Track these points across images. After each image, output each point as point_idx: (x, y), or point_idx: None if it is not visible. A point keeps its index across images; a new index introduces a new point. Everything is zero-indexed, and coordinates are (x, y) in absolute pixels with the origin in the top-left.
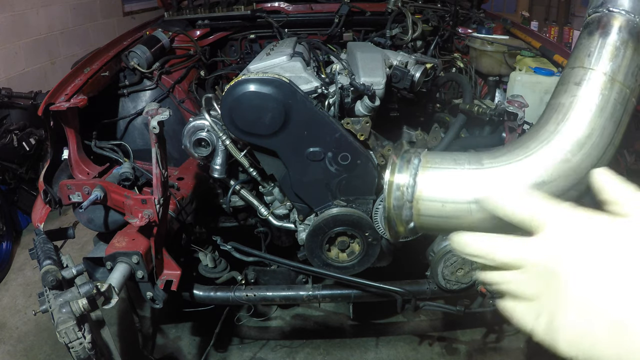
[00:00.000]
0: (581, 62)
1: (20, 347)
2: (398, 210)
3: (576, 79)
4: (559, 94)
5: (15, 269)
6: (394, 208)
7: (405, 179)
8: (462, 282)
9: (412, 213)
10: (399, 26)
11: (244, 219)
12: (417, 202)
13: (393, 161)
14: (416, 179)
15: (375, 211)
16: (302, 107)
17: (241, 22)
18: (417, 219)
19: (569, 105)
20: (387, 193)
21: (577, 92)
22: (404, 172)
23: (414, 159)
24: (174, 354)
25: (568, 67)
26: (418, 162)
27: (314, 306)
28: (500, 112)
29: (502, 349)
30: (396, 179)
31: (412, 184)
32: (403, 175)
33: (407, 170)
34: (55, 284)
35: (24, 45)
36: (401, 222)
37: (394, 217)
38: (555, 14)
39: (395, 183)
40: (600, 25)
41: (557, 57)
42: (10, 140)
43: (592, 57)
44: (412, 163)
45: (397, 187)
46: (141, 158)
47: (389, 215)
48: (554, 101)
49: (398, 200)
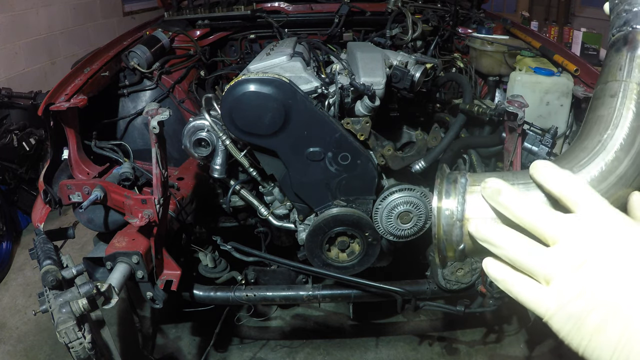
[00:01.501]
0: (614, 76)
1: (20, 347)
2: (448, 230)
3: (611, 92)
4: (596, 108)
5: (15, 269)
6: (444, 229)
7: (454, 199)
8: (462, 282)
9: (462, 233)
10: (399, 26)
11: (244, 219)
12: (467, 221)
13: (440, 182)
14: (465, 197)
15: (375, 211)
16: (302, 107)
17: (241, 22)
18: (467, 240)
19: (608, 116)
20: (435, 215)
21: (614, 104)
22: (452, 192)
23: (461, 179)
24: (174, 354)
25: (600, 83)
26: (465, 182)
27: (314, 306)
28: (500, 112)
29: (502, 349)
30: (444, 200)
31: (461, 202)
32: (451, 196)
33: (455, 190)
34: (55, 284)
35: (24, 45)
36: (451, 244)
37: (444, 239)
38: (555, 14)
39: (444, 203)
40: (628, 42)
41: (557, 57)
42: (10, 140)
43: (623, 71)
44: (459, 182)
45: (446, 207)
46: (141, 158)
47: (439, 236)
48: (592, 115)
49: (448, 220)
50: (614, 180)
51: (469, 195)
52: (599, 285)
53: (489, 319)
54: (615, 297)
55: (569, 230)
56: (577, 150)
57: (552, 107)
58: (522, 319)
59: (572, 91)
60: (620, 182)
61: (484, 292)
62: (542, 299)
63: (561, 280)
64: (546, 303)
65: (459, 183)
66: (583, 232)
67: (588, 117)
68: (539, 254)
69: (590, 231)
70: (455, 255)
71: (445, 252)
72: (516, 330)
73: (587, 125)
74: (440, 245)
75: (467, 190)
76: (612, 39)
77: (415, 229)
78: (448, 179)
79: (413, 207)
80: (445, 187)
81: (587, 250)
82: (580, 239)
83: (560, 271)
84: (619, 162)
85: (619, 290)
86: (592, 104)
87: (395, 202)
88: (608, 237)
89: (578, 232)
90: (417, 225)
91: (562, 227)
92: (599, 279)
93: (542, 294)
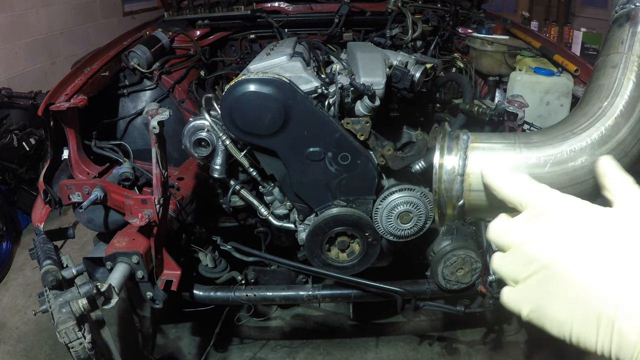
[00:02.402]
0: (615, 49)
1: (20, 347)
2: (449, 185)
3: (613, 63)
4: (597, 78)
5: (15, 269)
6: (444, 184)
7: (456, 154)
8: (462, 282)
9: (462, 188)
10: (399, 26)
11: (244, 219)
12: (468, 176)
13: (442, 137)
14: (467, 153)
15: (375, 211)
16: (302, 107)
17: (241, 22)
18: (467, 195)
19: (609, 85)
20: (437, 170)
21: (615, 74)
22: (454, 148)
23: (463, 136)
24: (174, 354)
25: (602, 55)
26: (467, 138)
27: (314, 306)
28: (500, 112)
29: (502, 349)
30: (446, 155)
31: (463, 157)
32: (453, 151)
33: (457, 145)
34: (55, 284)
35: (24, 45)
36: (451, 200)
37: (444, 194)
38: (555, 14)
39: (446, 158)
40: (630, 18)
41: (557, 57)
42: (10, 140)
43: (625, 44)
44: (461, 139)
45: (448, 162)
46: (141, 158)
47: (440, 191)
48: (594, 85)
49: (449, 174)
50: (612, 145)
51: (471, 151)
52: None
53: (489, 319)
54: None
55: (521, 231)
56: (578, 115)
57: (552, 107)
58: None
59: (572, 91)
60: (619, 148)
61: (484, 292)
62: (514, 299)
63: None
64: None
65: (461, 140)
66: (537, 231)
67: (589, 87)
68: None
69: (545, 230)
70: (454, 212)
71: (444, 208)
72: (516, 330)
73: (588, 93)
74: (441, 201)
75: (469, 147)
76: (615, 15)
77: (415, 229)
78: (450, 135)
79: (413, 207)
80: (448, 143)
81: (544, 251)
82: (535, 239)
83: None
84: (618, 128)
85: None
86: (594, 75)
87: (395, 202)
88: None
89: (529, 232)
90: (417, 225)
91: (515, 229)
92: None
93: (514, 295)
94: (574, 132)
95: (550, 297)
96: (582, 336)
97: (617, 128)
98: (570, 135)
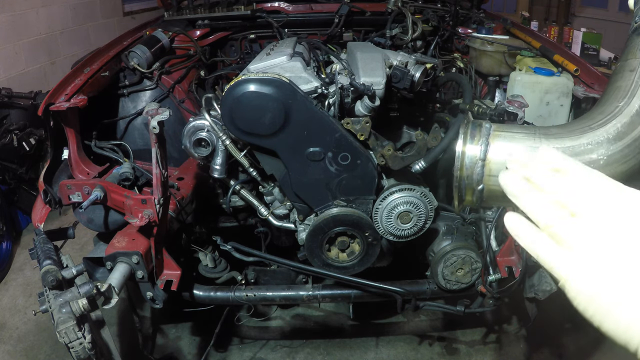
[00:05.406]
0: (634, 55)
1: (20, 347)
2: (470, 170)
3: (630, 67)
4: (615, 80)
5: (15, 269)
6: (466, 168)
7: (478, 141)
8: (462, 282)
9: (483, 172)
10: (399, 26)
11: (244, 219)
12: (489, 162)
13: (465, 126)
14: (489, 140)
15: (375, 211)
16: (302, 107)
17: (241, 22)
18: (487, 180)
19: (627, 87)
20: (460, 155)
21: (632, 77)
22: (477, 135)
23: (486, 124)
24: (174, 354)
25: (621, 60)
26: (490, 127)
27: (314, 306)
28: (500, 112)
29: (502, 349)
30: (469, 142)
31: (485, 143)
32: (475, 138)
33: (480, 133)
34: (55, 284)
35: (24, 45)
36: (471, 184)
37: (464, 178)
38: (555, 14)
39: (469, 145)
40: None
41: (557, 57)
42: (10, 140)
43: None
44: (484, 127)
45: (470, 149)
46: (141, 158)
47: (460, 175)
48: (612, 86)
49: (471, 159)
50: (628, 142)
51: (493, 139)
52: (622, 259)
53: (489, 319)
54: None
55: (592, 205)
56: (595, 113)
57: (552, 107)
58: (522, 319)
59: (572, 91)
60: (634, 144)
61: (484, 292)
62: (563, 262)
63: (585, 248)
64: (566, 267)
65: (483, 128)
66: (607, 205)
67: (607, 89)
68: (563, 219)
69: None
70: (473, 198)
71: (464, 193)
72: (516, 330)
73: (606, 94)
74: (461, 185)
75: (492, 134)
76: (635, 25)
77: (415, 229)
78: (473, 124)
79: (413, 207)
80: (471, 131)
81: (610, 224)
82: (603, 213)
83: (585, 240)
84: (634, 126)
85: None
86: (612, 78)
87: (395, 202)
88: (630, 212)
89: (601, 206)
90: (417, 225)
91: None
92: (622, 253)
93: (563, 258)
94: (592, 127)
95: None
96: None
97: (633, 126)
98: (587, 130)
